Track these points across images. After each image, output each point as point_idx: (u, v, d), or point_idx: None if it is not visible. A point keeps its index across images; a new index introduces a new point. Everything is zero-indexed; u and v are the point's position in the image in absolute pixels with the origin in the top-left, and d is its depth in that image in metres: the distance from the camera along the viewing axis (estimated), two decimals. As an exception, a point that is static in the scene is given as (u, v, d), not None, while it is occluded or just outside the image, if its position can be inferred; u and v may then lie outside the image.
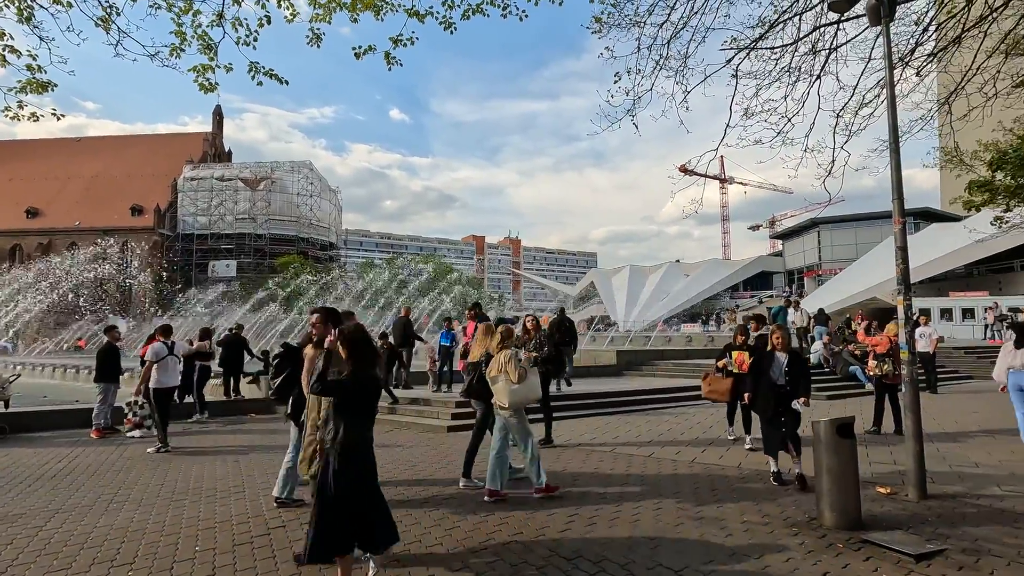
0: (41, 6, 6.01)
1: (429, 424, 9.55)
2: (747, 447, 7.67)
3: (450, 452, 7.73)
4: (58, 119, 6.91)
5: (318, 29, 6.95)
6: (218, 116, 75.10)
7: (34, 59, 6.10)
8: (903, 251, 5.61)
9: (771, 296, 58.29)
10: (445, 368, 12.02)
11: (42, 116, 6.61)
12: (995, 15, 9.54)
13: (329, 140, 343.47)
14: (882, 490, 5.61)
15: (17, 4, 5.69)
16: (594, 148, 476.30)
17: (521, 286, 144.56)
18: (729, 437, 8.26)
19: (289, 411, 5.38)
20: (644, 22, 9.28)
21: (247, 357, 12.55)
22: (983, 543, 4.33)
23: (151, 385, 8.29)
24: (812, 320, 16.50)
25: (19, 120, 6.51)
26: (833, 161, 10.12)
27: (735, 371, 7.58)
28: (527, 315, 9.05)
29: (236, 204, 64.52)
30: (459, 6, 6.97)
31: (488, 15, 7.04)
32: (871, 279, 39.09)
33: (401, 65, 7.31)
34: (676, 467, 6.85)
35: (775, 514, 5.07)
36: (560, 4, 7.13)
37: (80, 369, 18.60)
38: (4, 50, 5.89)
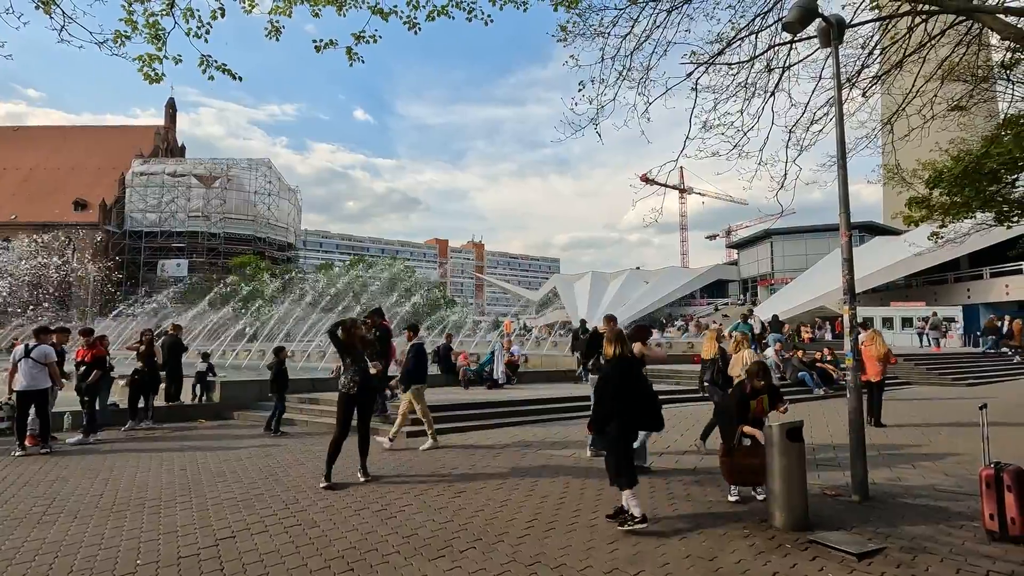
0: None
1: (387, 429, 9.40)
2: (760, 497, 5.62)
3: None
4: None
5: (277, 22, 6.78)
6: (171, 109, 72.30)
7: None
8: (849, 262, 5.87)
9: (727, 303, 60.07)
10: None
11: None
12: (933, 42, 10.17)
13: (290, 138, 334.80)
14: (828, 492, 5.83)
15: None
16: (558, 155, 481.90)
17: (484, 290, 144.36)
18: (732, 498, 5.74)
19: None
20: (608, 33, 9.49)
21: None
22: (920, 541, 4.55)
23: (15, 387, 8.06)
24: (767, 327, 17.06)
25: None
26: (785, 175, 10.56)
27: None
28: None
29: (189, 201, 62.14)
30: (424, 7, 6.93)
31: (453, 17, 7.03)
32: (819, 288, 40.83)
33: (363, 62, 7.21)
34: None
35: (728, 516, 5.20)
36: (525, 10, 7.18)
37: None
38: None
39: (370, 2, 6.71)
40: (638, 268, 76.89)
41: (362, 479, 6.43)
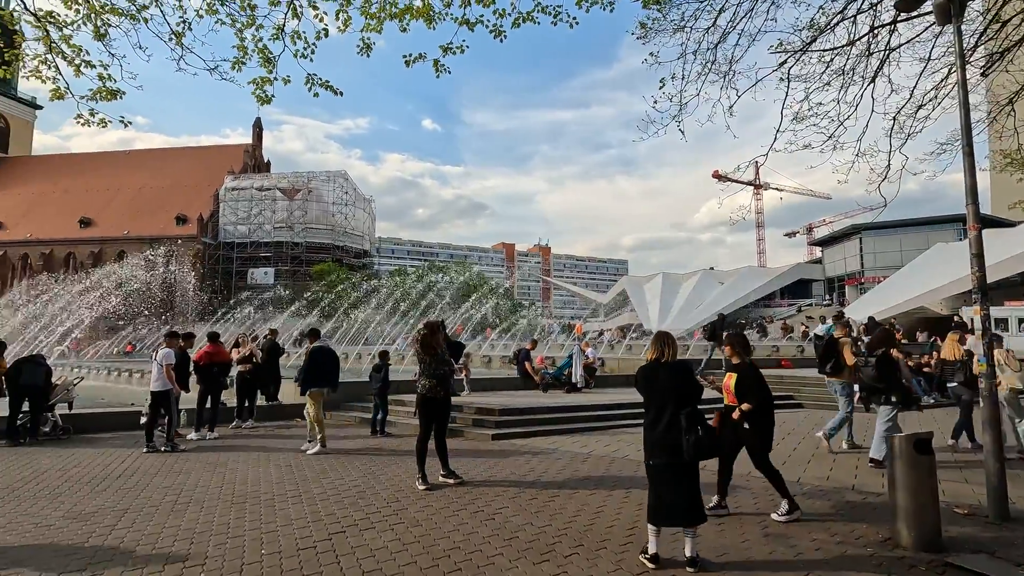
0: (114, 25, 6.28)
1: (478, 433, 9.59)
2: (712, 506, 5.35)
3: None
4: (125, 126, 7.19)
5: (368, 39, 7.08)
6: (258, 128, 77.62)
7: (106, 68, 6.34)
8: (979, 258, 5.35)
9: (810, 304, 56.66)
10: None
11: (110, 123, 6.89)
12: (1063, 12, 9.11)
13: (364, 150, 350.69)
14: (959, 510, 5.32)
15: (94, 22, 5.96)
16: (623, 155, 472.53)
17: (552, 294, 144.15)
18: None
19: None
20: (690, 27, 9.20)
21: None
22: (1081, 570, 4.05)
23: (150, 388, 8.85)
24: (863, 329, 15.91)
25: (88, 126, 6.78)
26: (888, 165, 9.81)
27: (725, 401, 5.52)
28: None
29: (274, 213, 66.38)
30: (510, 15, 7.01)
31: (538, 22, 7.05)
32: (918, 287, 37.65)
33: (449, 72, 7.39)
34: (733, 479, 6.62)
35: (845, 532, 4.86)
36: (611, 10, 7.09)
37: (133, 372, 19.28)
38: (81, 65, 6.16)
39: (457, 14, 6.87)
40: (712, 268, 74.03)
41: (451, 482, 6.51)
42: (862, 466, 7.23)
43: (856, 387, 8.37)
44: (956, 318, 26.07)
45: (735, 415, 5.22)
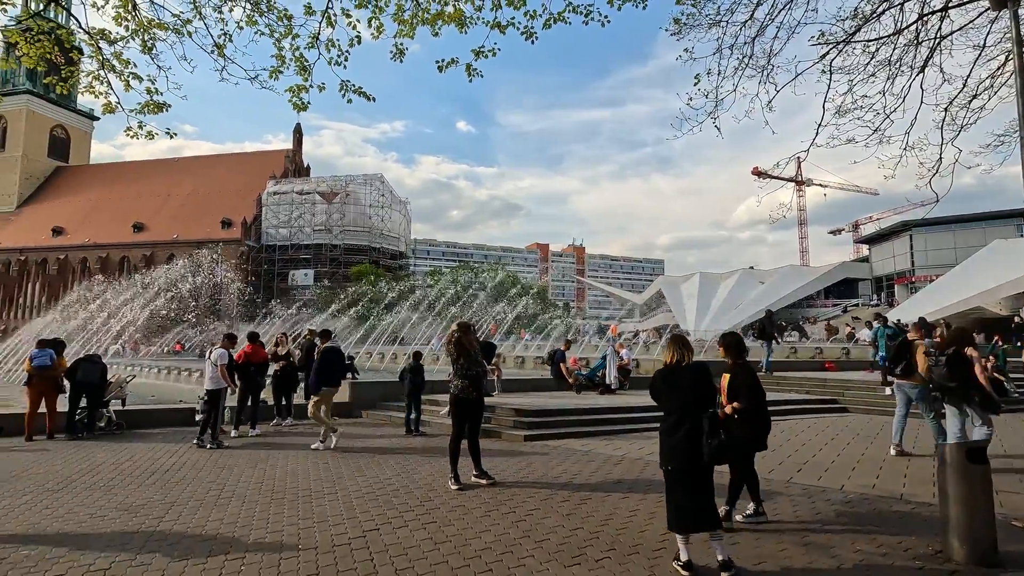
0: (160, 39, 6.56)
1: (511, 434, 9.60)
2: (746, 514, 5.18)
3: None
4: (171, 137, 7.50)
5: (401, 44, 7.19)
6: (298, 134, 79.86)
7: (152, 82, 6.65)
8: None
9: (857, 304, 54.56)
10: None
11: (157, 135, 7.21)
12: None
13: (400, 153, 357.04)
14: (1018, 523, 5.02)
15: (142, 36, 6.24)
16: (658, 153, 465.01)
17: (586, 294, 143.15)
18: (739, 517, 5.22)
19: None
20: (726, 21, 8.99)
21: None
22: None
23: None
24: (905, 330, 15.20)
25: (137, 139, 7.11)
26: (940, 159, 9.36)
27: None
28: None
29: (314, 216, 68.16)
30: (541, 16, 6.99)
31: (570, 23, 7.01)
32: (974, 287, 35.76)
33: (482, 76, 7.41)
34: (771, 486, 6.43)
35: (892, 544, 4.65)
36: (644, 7, 7.00)
37: (182, 371, 20.11)
38: (129, 77, 6.47)
39: (488, 18, 6.90)
40: (751, 268, 72.12)
41: (484, 482, 6.54)
42: (911, 474, 6.92)
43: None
44: (1016, 319, 24.62)
45: (728, 410, 5.00)
